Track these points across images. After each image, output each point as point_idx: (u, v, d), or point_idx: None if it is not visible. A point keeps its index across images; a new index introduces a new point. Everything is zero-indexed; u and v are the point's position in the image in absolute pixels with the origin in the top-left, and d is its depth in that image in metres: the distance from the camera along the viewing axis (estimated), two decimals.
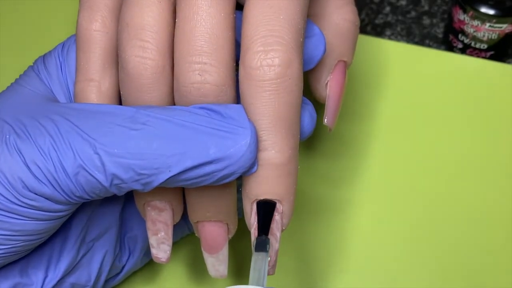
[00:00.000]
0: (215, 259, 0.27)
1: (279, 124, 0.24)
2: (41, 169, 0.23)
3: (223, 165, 0.23)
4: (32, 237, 0.25)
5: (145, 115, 0.24)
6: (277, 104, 0.24)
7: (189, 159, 0.23)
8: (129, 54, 0.24)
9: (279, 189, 0.24)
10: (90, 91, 0.26)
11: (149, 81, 0.24)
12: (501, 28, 0.43)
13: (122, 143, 0.23)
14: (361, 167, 0.37)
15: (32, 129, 0.24)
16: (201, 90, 0.24)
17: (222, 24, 0.24)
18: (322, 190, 0.36)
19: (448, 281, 0.33)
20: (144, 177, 0.23)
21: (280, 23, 0.24)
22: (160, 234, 0.27)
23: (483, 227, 0.35)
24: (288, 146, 0.24)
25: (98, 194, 0.24)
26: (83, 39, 0.27)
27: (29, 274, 0.27)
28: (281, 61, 0.23)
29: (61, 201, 0.24)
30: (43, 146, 0.23)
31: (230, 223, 0.27)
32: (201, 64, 0.24)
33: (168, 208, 0.27)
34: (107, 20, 0.26)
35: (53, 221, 0.25)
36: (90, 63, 0.27)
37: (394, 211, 0.35)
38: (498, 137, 0.38)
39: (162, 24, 0.24)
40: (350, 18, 0.30)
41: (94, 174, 0.23)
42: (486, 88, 0.40)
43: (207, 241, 0.27)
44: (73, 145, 0.23)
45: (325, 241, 0.34)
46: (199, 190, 0.25)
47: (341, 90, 0.29)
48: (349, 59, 0.30)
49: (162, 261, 0.28)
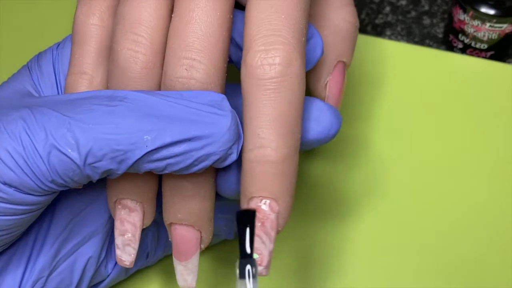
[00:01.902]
0: (183, 267, 0.27)
1: (278, 122, 0.24)
2: (11, 153, 0.22)
3: (202, 144, 0.23)
4: (1, 233, 0.24)
5: (123, 93, 0.23)
6: (277, 102, 0.24)
7: (168, 135, 0.23)
8: (122, 47, 0.24)
9: (274, 187, 0.24)
10: (81, 84, 0.26)
11: (137, 75, 0.24)
12: (501, 28, 0.43)
13: (98, 118, 0.23)
14: (361, 167, 0.37)
15: (5, 117, 0.23)
16: (186, 85, 0.24)
17: (216, 23, 0.24)
18: (321, 191, 0.36)
19: (449, 282, 0.33)
20: (120, 153, 0.23)
21: (282, 23, 0.24)
22: (127, 235, 0.26)
23: (484, 227, 0.35)
24: (285, 144, 0.24)
25: (72, 177, 0.23)
26: (79, 33, 0.26)
27: (6, 273, 0.26)
28: (282, 60, 0.23)
29: (33, 189, 0.23)
30: (14, 130, 0.22)
31: (203, 231, 0.26)
32: (189, 59, 0.24)
33: (138, 209, 0.26)
34: (105, 15, 0.26)
35: (24, 215, 0.24)
36: (84, 57, 0.26)
37: (394, 211, 0.35)
38: (498, 137, 0.38)
39: (158, 20, 0.24)
40: (349, 19, 0.30)
41: (67, 152, 0.22)
42: (486, 88, 0.40)
43: (177, 246, 0.26)
44: (47, 125, 0.22)
45: (324, 242, 0.34)
46: (176, 189, 0.25)
47: (340, 91, 0.30)
48: (349, 60, 0.30)
49: (125, 264, 0.27)
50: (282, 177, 0.24)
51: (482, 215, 0.35)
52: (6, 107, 0.24)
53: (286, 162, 0.24)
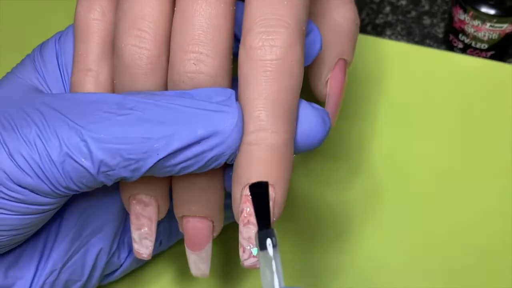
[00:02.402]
0: (197, 257, 0.27)
1: (278, 105, 0.23)
2: (26, 159, 0.23)
3: (212, 145, 0.23)
4: (16, 232, 0.24)
5: (132, 100, 0.23)
6: (277, 85, 0.23)
7: (176, 141, 0.23)
8: (126, 43, 0.24)
9: (273, 172, 0.23)
10: (88, 81, 0.26)
11: (143, 71, 0.24)
12: (501, 28, 0.43)
13: (109, 128, 0.23)
14: (361, 167, 0.37)
15: (19, 119, 0.23)
16: (194, 80, 0.24)
17: (221, 15, 0.24)
18: (321, 190, 0.36)
19: (449, 282, 0.33)
20: (132, 162, 0.23)
21: (284, 8, 0.24)
22: (143, 229, 0.27)
23: (484, 227, 0.34)
24: (285, 129, 0.23)
25: (86, 183, 0.23)
26: (81, 28, 0.26)
27: (20, 267, 0.26)
28: (283, 42, 0.23)
29: (47, 193, 0.23)
30: (29, 136, 0.23)
31: (216, 221, 0.26)
32: (197, 53, 0.24)
33: (153, 203, 0.26)
34: (106, 10, 0.26)
35: (39, 215, 0.24)
36: (88, 53, 0.26)
37: (394, 211, 0.35)
38: (498, 137, 0.38)
39: (160, 14, 0.24)
40: (350, 17, 0.30)
41: (81, 161, 0.23)
42: (486, 88, 0.40)
43: (190, 238, 0.26)
44: (59, 133, 0.23)
45: (324, 242, 0.34)
46: (187, 182, 0.25)
47: (341, 88, 0.29)
48: (350, 58, 0.30)
49: (143, 256, 0.27)
50: (281, 162, 0.23)
51: (482, 216, 0.35)
52: (15, 103, 0.24)
53: (285, 147, 0.24)
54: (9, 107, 0.24)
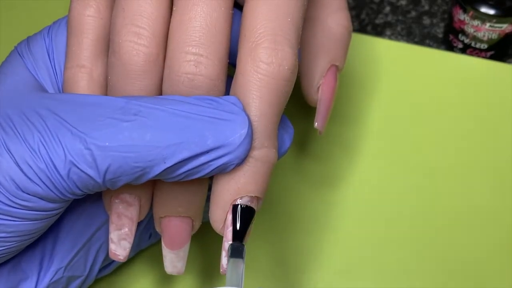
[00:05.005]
0: (175, 255, 0.27)
1: (272, 123, 0.24)
2: (33, 168, 0.22)
3: (220, 154, 0.23)
4: (26, 237, 0.24)
5: (136, 105, 0.23)
6: (281, 104, 0.24)
7: (185, 150, 0.22)
8: (123, 39, 0.24)
9: (264, 188, 0.24)
10: (81, 77, 0.26)
11: (140, 68, 0.24)
12: (501, 28, 0.43)
13: (114, 136, 0.22)
14: (361, 167, 0.37)
15: (20, 125, 0.23)
16: (193, 82, 0.24)
17: (221, 18, 0.24)
18: (314, 192, 0.36)
19: (446, 282, 0.33)
20: (138, 170, 0.23)
21: (286, 23, 0.24)
22: (124, 230, 0.26)
23: (484, 228, 0.34)
24: (275, 145, 0.24)
25: (91, 189, 0.23)
26: (75, 25, 0.26)
27: (24, 269, 0.26)
28: (291, 65, 0.23)
29: (55, 200, 0.23)
30: (33, 144, 0.22)
31: (196, 220, 0.26)
32: (197, 55, 0.23)
33: (136, 204, 0.26)
34: (102, 6, 0.26)
35: (47, 219, 0.24)
36: (82, 49, 0.26)
37: (388, 212, 0.35)
38: (498, 137, 0.38)
39: (159, 12, 0.24)
40: (343, 24, 0.30)
41: (86, 170, 0.22)
42: (486, 88, 0.40)
43: (171, 237, 0.26)
44: (63, 141, 0.22)
45: (317, 243, 0.34)
46: (175, 184, 0.25)
47: (332, 94, 0.30)
48: (341, 64, 0.30)
49: (119, 258, 0.27)
50: (269, 177, 0.24)
51: (482, 216, 0.35)
52: (12, 106, 0.24)
53: (275, 163, 0.24)
54: (8, 110, 0.24)
